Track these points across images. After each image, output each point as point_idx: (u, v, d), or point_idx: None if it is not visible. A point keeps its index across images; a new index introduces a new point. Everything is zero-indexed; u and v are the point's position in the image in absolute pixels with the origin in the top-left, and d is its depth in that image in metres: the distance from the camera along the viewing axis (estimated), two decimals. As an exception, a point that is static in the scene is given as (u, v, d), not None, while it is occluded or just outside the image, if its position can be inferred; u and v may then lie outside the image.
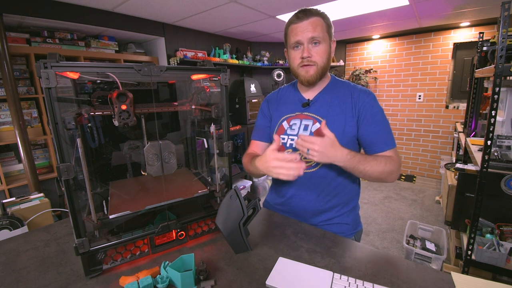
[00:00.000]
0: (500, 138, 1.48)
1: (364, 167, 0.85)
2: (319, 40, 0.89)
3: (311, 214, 1.00)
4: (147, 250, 0.79)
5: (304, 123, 0.99)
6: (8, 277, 0.72)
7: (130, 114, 0.76)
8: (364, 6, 2.44)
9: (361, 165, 0.84)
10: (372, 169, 0.85)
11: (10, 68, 1.78)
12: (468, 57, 3.34)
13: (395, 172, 0.89)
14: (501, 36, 1.24)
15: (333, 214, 0.99)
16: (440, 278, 0.66)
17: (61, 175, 0.62)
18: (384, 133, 0.92)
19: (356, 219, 1.05)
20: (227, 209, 0.77)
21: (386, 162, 0.87)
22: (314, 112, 0.98)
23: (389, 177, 0.89)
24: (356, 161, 0.84)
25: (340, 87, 0.99)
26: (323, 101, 0.98)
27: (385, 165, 0.87)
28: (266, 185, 3.48)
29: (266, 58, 3.88)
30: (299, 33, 0.89)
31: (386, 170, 0.87)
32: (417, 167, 3.97)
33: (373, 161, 0.86)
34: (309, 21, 0.88)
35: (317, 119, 0.97)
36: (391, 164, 0.88)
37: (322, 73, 0.94)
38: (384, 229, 2.60)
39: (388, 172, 0.87)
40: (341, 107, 0.95)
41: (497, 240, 1.46)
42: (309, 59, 0.90)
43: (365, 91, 0.96)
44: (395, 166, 0.89)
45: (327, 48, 0.91)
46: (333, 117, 0.95)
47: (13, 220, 1.48)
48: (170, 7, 2.25)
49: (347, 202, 1.01)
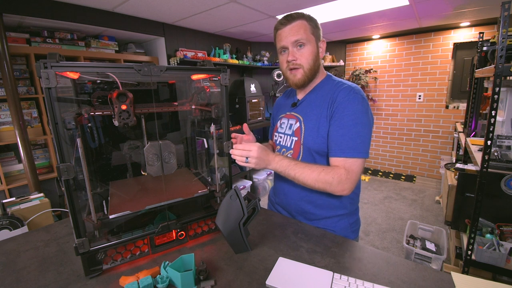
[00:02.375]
0: (500, 138, 1.48)
1: (295, 173, 0.84)
2: (303, 42, 0.89)
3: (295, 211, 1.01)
4: (147, 250, 0.79)
5: (290, 122, 1.02)
6: (8, 277, 0.72)
7: (130, 114, 0.76)
8: (364, 6, 2.44)
9: (291, 170, 0.85)
10: (303, 176, 0.83)
11: (10, 68, 1.78)
12: (468, 57, 3.34)
13: (334, 185, 0.81)
14: (501, 36, 1.24)
15: (317, 216, 0.97)
16: (440, 278, 0.66)
17: (61, 175, 0.62)
18: (346, 138, 0.83)
19: (346, 229, 0.97)
20: (227, 209, 0.77)
21: (322, 171, 0.82)
22: (298, 111, 1.01)
23: (329, 188, 0.82)
24: (285, 166, 0.85)
25: (327, 86, 0.95)
26: (308, 100, 0.99)
27: (319, 174, 0.81)
28: (266, 185, 3.48)
29: (266, 58, 3.88)
30: (283, 38, 0.91)
31: (321, 179, 0.81)
32: (417, 167, 3.97)
33: (305, 168, 0.83)
34: (292, 26, 0.89)
35: (299, 118, 0.99)
36: (328, 175, 0.81)
37: (310, 75, 0.94)
38: (384, 229, 2.60)
39: (324, 182, 0.81)
40: (319, 106, 0.93)
41: (497, 240, 1.45)
42: (294, 62, 0.91)
43: (347, 89, 0.88)
44: (336, 177, 0.80)
45: (313, 50, 0.91)
46: (310, 117, 0.95)
47: (13, 220, 1.48)
48: (170, 7, 2.25)
49: (335, 206, 0.95)
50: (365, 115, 0.85)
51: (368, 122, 0.86)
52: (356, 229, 1.01)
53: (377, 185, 3.73)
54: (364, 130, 0.84)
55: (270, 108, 3.91)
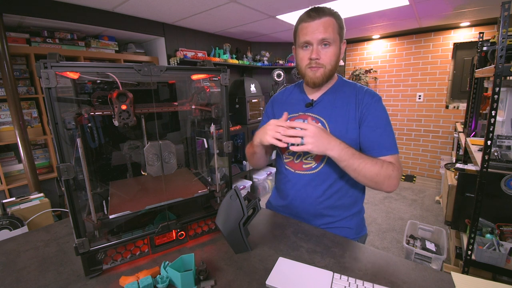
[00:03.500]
0: (500, 138, 1.48)
1: (359, 162, 0.80)
2: (330, 42, 0.86)
3: (313, 216, 0.99)
4: (147, 250, 0.79)
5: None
6: (8, 277, 0.72)
7: (130, 114, 0.76)
8: (364, 6, 2.44)
9: (356, 159, 0.80)
10: (366, 168, 0.80)
11: (10, 68, 1.78)
12: (468, 57, 3.34)
13: (393, 178, 0.83)
14: (501, 36, 1.24)
15: (335, 217, 0.97)
16: (440, 278, 0.66)
17: (61, 175, 0.62)
18: (385, 137, 0.87)
19: (360, 224, 1.01)
20: (227, 209, 0.77)
21: (383, 164, 0.83)
22: (317, 112, 0.96)
23: (386, 182, 0.83)
24: (350, 154, 0.79)
25: (346, 88, 0.96)
26: (327, 102, 0.96)
27: (381, 167, 0.82)
28: (266, 185, 3.48)
29: (266, 58, 3.88)
30: (309, 33, 0.86)
31: (383, 173, 0.81)
32: (417, 167, 3.97)
33: (369, 160, 0.82)
34: (321, 21, 0.84)
35: (319, 119, 0.94)
36: (389, 169, 0.82)
37: (329, 76, 0.91)
38: (384, 229, 2.60)
39: (385, 175, 0.82)
40: (344, 108, 0.92)
41: (497, 240, 1.46)
42: (318, 61, 0.88)
43: (370, 92, 0.93)
44: (394, 172, 0.83)
45: (336, 51, 0.89)
46: (335, 118, 0.92)
47: (13, 220, 1.48)
48: (170, 7, 2.25)
49: (350, 206, 0.98)
50: (388, 116, 0.92)
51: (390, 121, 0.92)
52: (365, 223, 1.07)
53: (377, 185, 3.73)
54: (392, 129, 0.91)
55: (270, 108, 3.90)
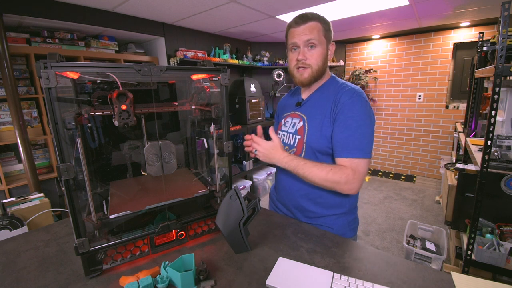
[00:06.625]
0: (500, 138, 1.48)
1: (303, 172, 0.87)
2: (315, 43, 0.91)
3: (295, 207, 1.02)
4: (147, 250, 0.79)
5: (294, 121, 1.03)
6: (8, 277, 0.72)
7: (130, 114, 0.76)
8: (364, 6, 2.44)
9: (299, 170, 0.87)
10: (312, 175, 0.85)
11: (10, 68, 1.77)
12: (468, 57, 3.34)
13: (342, 184, 0.83)
14: (501, 36, 1.24)
15: (316, 214, 0.98)
16: (440, 278, 0.66)
17: (61, 175, 0.62)
18: (351, 140, 0.86)
19: (344, 226, 0.98)
20: (227, 209, 0.77)
21: (330, 171, 0.84)
22: (302, 111, 1.02)
23: (337, 187, 0.84)
24: (294, 166, 0.88)
25: (332, 87, 0.97)
26: (312, 100, 1.00)
27: (327, 173, 0.83)
28: (266, 185, 3.48)
29: (266, 58, 3.87)
30: (295, 36, 0.92)
31: (329, 179, 0.83)
32: (417, 167, 3.97)
33: (314, 168, 0.85)
34: (306, 26, 0.90)
35: (302, 117, 1.00)
36: (336, 174, 0.83)
37: (317, 75, 0.96)
38: (384, 229, 2.60)
39: (332, 181, 0.83)
40: (323, 106, 0.94)
41: (497, 240, 1.45)
42: (304, 61, 0.93)
43: (350, 92, 0.90)
44: (343, 177, 0.82)
45: (323, 51, 0.93)
46: (314, 116, 0.96)
47: (13, 220, 1.48)
48: (170, 7, 2.25)
49: (334, 206, 0.97)
50: (368, 117, 0.88)
51: (370, 123, 0.88)
52: (354, 228, 1.02)
53: (377, 185, 3.73)
54: (367, 131, 0.87)
55: (270, 108, 3.91)
